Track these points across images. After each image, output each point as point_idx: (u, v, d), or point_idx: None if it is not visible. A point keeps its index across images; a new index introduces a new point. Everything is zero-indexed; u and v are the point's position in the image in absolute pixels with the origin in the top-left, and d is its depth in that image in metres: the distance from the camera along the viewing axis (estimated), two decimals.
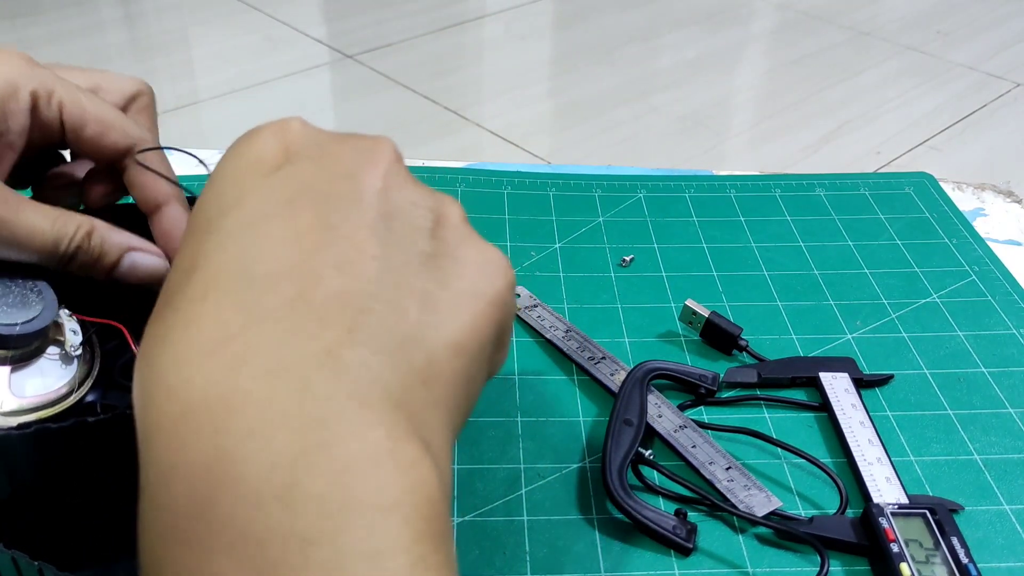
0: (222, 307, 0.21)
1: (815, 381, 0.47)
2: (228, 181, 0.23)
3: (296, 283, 0.21)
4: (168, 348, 0.21)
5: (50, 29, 0.94)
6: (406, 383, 0.21)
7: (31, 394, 0.30)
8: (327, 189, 0.23)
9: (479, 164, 0.68)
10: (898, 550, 0.37)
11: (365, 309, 0.21)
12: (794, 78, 0.87)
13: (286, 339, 0.20)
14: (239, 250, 0.22)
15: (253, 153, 0.24)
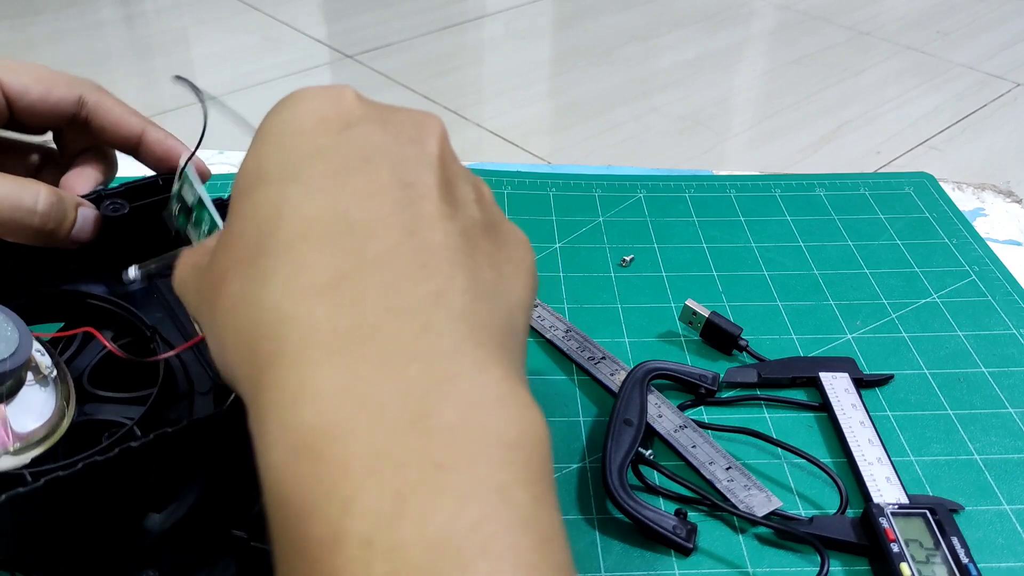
0: (328, 251, 0.21)
1: (815, 381, 0.47)
2: (296, 136, 0.23)
3: (394, 232, 0.21)
4: (275, 286, 0.21)
5: (50, 29, 0.94)
6: (503, 330, 0.22)
7: (31, 427, 0.28)
8: (397, 151, 0.23)
9: (479, 164, 0.68)
10: (898, 550, 0.37)
11: (456, 262, 0.22)
12: (794, 78, 0.87)
13: (398, 281, 0.21)
14: (330, 199, 0.22)
15: (316, 112, 0.24)
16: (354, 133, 0.23)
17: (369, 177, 0.22)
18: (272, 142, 0.24)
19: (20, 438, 0.27)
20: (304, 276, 0.21)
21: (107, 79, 0.88)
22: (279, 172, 0.23)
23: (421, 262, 0.21)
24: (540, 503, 0.19)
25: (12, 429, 0.27)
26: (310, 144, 0.23)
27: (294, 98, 0.25)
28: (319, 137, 0.23)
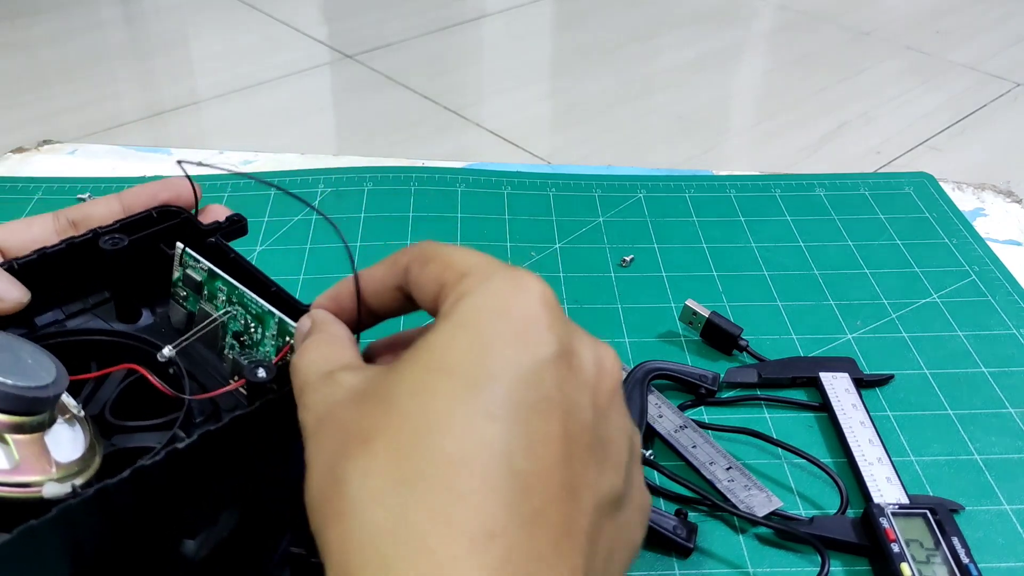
0: (488, 498, 0.21)
1: (815, 381, 0.47)
2: (495, 340, 0.23)
3: (541, 496, 0.21)
4: (426, 511, 0.20)
5: (50, 29, 0.94)
6: None
7: (69, 459, 0.28)
8: (573, 398, 0.23)
9: (479, 164, 0.68)
10: (899, 550, 0.37)
11: (580, 549, 0.22)
12: (794, 78, 0.87)
13: (535, 562, 0.21)
14: (502, 434, 0.21)
15: (527, 320, 0.23)
16: (544, 365, 0.23)
17: (541, 424, 0.22)
18: (469, 335, 0.23)
19: (60, 466, 0.27)
20: (458, 515, 0.20)
21: (107, 79, 0.88)
22: (464, 374, 0.22)
23: (555, 542, 0.21)
24: None
25: (52, 457, 0.27)
26: (505, 356, 0.22)
27: (496, 288, 0.24)
28: (515, 349, 0.22)
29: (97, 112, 0.77)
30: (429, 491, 0.21)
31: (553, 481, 0.22)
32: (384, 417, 0.22)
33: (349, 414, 0.23)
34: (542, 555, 0.21)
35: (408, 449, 0.21)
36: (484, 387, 0.22)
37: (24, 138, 0.71)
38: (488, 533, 0.20)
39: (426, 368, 0.23)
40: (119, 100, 0.80)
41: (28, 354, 0.28)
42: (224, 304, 0.34)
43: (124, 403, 0.32)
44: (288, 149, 0.70)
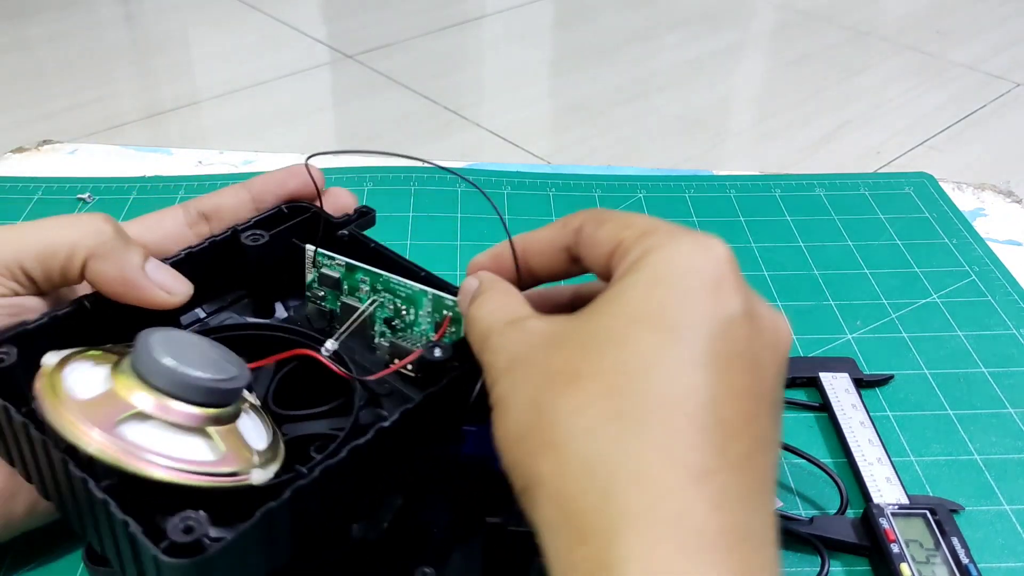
0: (700, 438, 0.22)
1: (815, 381, 0.47)
2: (690, 293, 0.24)
3: (745, 441, 0.22)
4: (642, 449, 0.21)
5: (50, 29, 0.94)
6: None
7: (261, 446, 0.29)
8: (760, 356, 0.24)
9: (479, 164, 0.68)
10: (898, 550, 0.37)
11: (772, 488, 0.23)
12: (794, 78, 0.87)
13: (746, 496, 0.22)
14: (707, 382, 0.22)
15: (713, 276, 0.24)
16: (735, 321, 0.24)
17: (738, 376, 0.23)
18: (668, 288, 0.24)
19: (259, 453, 0.28)
20: (676, 451, 0.21)
21: (107, 79, 0.88)
22: (667, 324, 0.23)
23: (760, 483, 0.22)
24: None
25: (250, 445, 0.28)
26: (701, 310, 0.24)
27: (687, 248, 0.25)
28: (711, 301, 0.24)
29: (97, 112, 0.77)
30: (646, 427, 0.22)
31: (752, 431, 0.23)
32: (590, 360, 0.23)
33: (547, 356, 0.24)
34: (750, 496, 0.22)
35: (620, 388, 0.22)
36: (687, 337, 0.23)
37: (24, 138, 0.71)
38: (705, 469, 0.21)
39: (627, 317, 0.24)
40: (119, 100, 0.80)
41: (209, 348, 0.29)
42: (369, 294, 0.35)
43: (280, 393, 0.33)
44: (288, 149, 0.70)
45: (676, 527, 0.20)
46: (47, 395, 0.27)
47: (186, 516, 0.24)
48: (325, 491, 0.27)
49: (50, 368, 0.28)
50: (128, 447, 0.26)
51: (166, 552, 0.24)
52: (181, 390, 0.27)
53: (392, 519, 0.32)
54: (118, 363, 0.28)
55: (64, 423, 0.26)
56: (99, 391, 0.27)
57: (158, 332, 0.28)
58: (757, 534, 0.22)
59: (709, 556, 0.20)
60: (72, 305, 0.32)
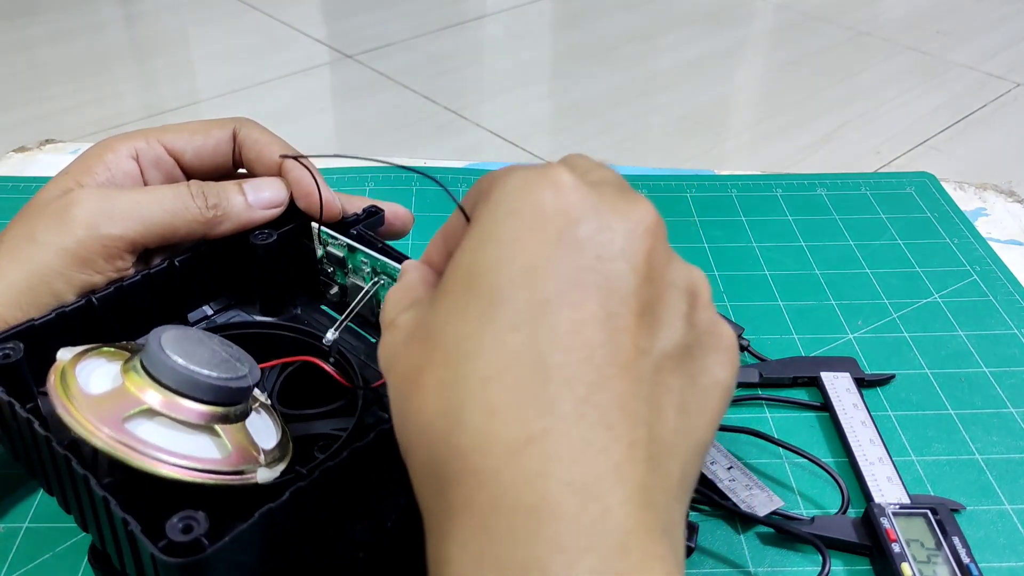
0: (522, 402, 0.21)
1: (816, 381, 0.47)
2: (513, 243, 0.22)
3: (585, 383, 0.21)
4: (468, 428, 0.21)
5: (50, 29, 0.94)
6: (669, 500, 0.22)
7: (269, 445, 0.29)
8: (605, 270, 0.22)
9: (479, 164, 0.68)
10: (899, 550, 0.37)
11: (639, 418, 0.21)
12: (794, 78, 0.87)
13: (582, 451, 0.21)
14: (532, 336, 0.21)
15: (535, 213, 0.22)
16: (566, 249, 0.22)
17: (574, 310, 0.22)
18: (489, 245, 0.23)
19: (266, 452, 0.28)
20: (495, 430, 0.21)
21: (107, 79, 0.88)
22: (489, 287, 0.22)
23: (607, 423, 0.21)
24: None
25: (258, 444, 0.28)
26: (523, 256, 0.22)
27: (512, 187, 0.23)
28: (531, 247, 0.22)
29: (98, 112, 0.77)
30: (468, 416, 0.21)
31: (595, 363, 0.21)
32: (427, 352, 0.23)
33: (403, 358, 0.24)
34: (590, 440, 0.21)
35: (450, 380, 0.22)
36: (505, 299, 0.22)
37: (26, 137, 0.71)
38: (528, 437, 0.21)
39: (455, 291, 0.23)
40: (120, 100, 0.80)
41: (219, 347, 0.30)
42: (371, 275, 0.36)
43: (285, 392, 0.34)
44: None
45: (493, 513, 0.20)
46: (58, 389, 0.27)
47: (185, 515, 0.24)
48: (325, 492, 0.27)
49: (64, 363, 0.28)
50: (135, 443, 0.26)
51: (164, 551, 0.24)
52: (190, 388, 0.27)
53: (395, 519, 0.32)
54: (129, 360, 0.29)
55: (73, 417, 0.26)
56: (109, 387, 0.28)
57: (169, 330, 0.29)
58: (592, 486, 0.20)
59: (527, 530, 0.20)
60: (80, 301, 0.33)
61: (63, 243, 0.33)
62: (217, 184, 0.37)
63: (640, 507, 0.21)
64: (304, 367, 0.34)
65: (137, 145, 0.38)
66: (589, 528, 0.20)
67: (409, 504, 0.32)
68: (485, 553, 0.20)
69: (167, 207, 0.35)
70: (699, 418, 0.23)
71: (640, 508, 0.21)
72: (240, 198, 0.37)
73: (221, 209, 0.36)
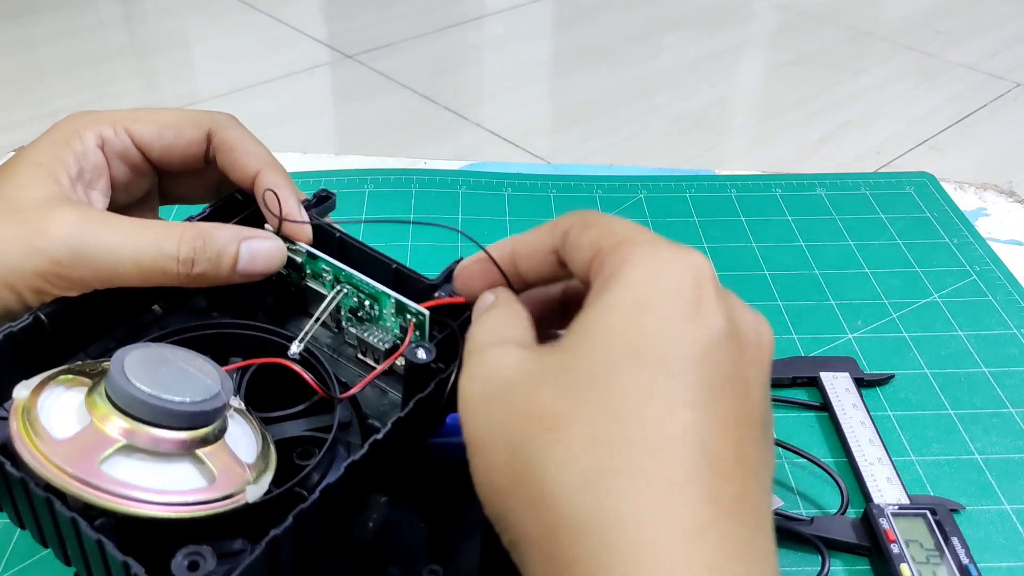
0: (695, 487, 0.21)
1: (816, 381, 0.47)
2: (671, 321, 0.22)
3: (738, 475, 0.21)
4: (634, 497, 0.20)
5: (50, 29, 0.94)
6: None
7: (252, 459, 0.28)
8: (746, 375, 0.23)
9: (479, 165, 0.68)
10: (899, 551, 0.37)
11: (767, 511, 0.22)
12: (794, 78, 0.87)
13: (741, 547, 0.21)
14: (698, 420, 0.21)
15: (699, 295, 0.23)
16: (720, 344, 0.22)
17: (726, 405, 0.22)
18: (648, 316, 0.22)
19: (250, 467, 0.27)
20: (668, 507, 0.20)
21: (107, 79, 0.88)
22: (654, 358, 0.22)
23: (755, 528, 0.21)
24: None
25: (241, 460, 0.27)
26: (684, 337, 0.22)
27: (664, 261, 0.23)
28: (694, 328, 0.22)
29: None
30: (637, 481, 0.21)
31: (744, 463, 0.22)
32: (572, 402, 0.22)
33: (524, 396, 0.23)
34: (747, 540, 0.21)
35: (607, 437, 0.21)
36: (673, 371, 0.22)
37: (25, 137, 0.71)
38: (700, 525, 0.20)
39: (609, 351, 0.22)
40: (119, 100, 0.80)
41: (184, 361, 0.28)
42: (332, 283, 0.35)
43: (250, 392, 0.32)
44: (288, 149, 0.70)
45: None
46: (25, 437, 0.25)
47: (190, 552, 0.24)
48: (324, 509, 0.27)
49: (23, 402, 0.26)
50: (118, 487, 0.25)
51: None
52: (164, 418, 0.26)
53: (376, 518, 0.32)
54: (93, 389, 0.27)
55: (48, 470, 0.24)
56: (78, 427, 0.26)
57: (131, 353, 0.27)
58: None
59: None
60: (27, 319, 0.31)
61: (24, 265, 0.31)
62: (214, 237, 0.33)
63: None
64: (266, 367, 0.33)
65: (104, 133, 0.36)
66: None
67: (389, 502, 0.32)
68: None
69: (145, 265, 0.32)
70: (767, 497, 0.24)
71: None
72: (229, 262, 0.33)
73: (203, 270, 0.33)
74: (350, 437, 0.32)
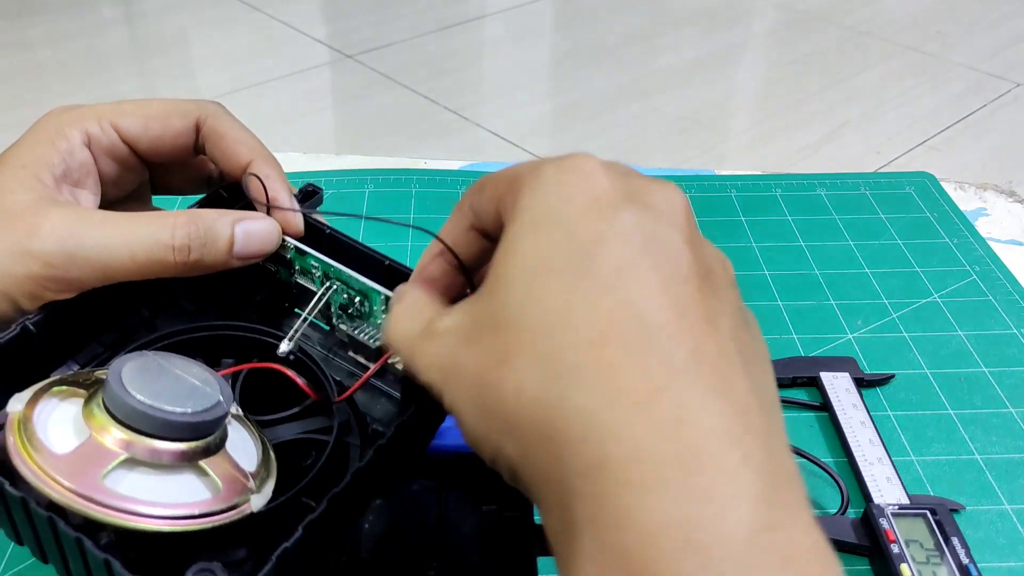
0: (637, 358, 0.21)
1: (816, 381, 0.47)
2: (571, 223, 0.23)
3: (689, 336, 0.21)
4: (585, 391, 0.21)
5: (50, 29, 0.94)
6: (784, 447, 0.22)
7: (253, 466, 0.28)
8: (664, 241, 0.23)
9: (479, 164, 0.68)
10: (899, 551, 0.37)
11: (739, 368, 0.22)
12: (794, 78, 0.87)
13: (707, 397, 0.21)
14: (624, 297, 0.22)
15: (582, 193, 0.23)
16: (625, 220, 0.23)
17: (652, 272, 0.22)
18: (547, 229, 0.23)
19: (253, 476, 0.27)
20: (618, 385, 0.21)
21: (107, 79, 0.88)
22: (563, 263, 0.22)
23: (720, 373, 0.21)
24: None
25: (243, 469, 0.27)
26: (588, 232, 0.23)
27: (551, 178, 0.24)
28: (593, 222, 0.23)
29: None
30: (583, 377, 0.21)
31: (690, 319, 0.22)
32: (508, 338, 0.23)
33: (470, 354, 0.24)
34: (713, 387, 0.21)
35: (549, 351, 0.22)
36: (588, 269, 0.22)
37: None
38: (654, 389, 0.20)
39: (523, 276, 0.23)
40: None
41: (181, 369, 0.28)
42: (321, 279, 0.34)
43: (243, 395, 0.32)
44: (288, 149, 0.70)
45: (633, 466, 0.20)
46: (23, 453, 0.25)
47: (201, 569, 0.24)
48: (332, 517, 0.27)
49: (18, 414, 0.26)
50: (123, 503, 0.24)
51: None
52: (165, 430, 0.25)
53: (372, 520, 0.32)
54: (89, 400, 0.26)
55: (49, 486, 0.24)
56: (77, 441, 0.25)
57: (127, 364, 0.26)
58: (728, 432, 0.20)
59: (677, 480, 0.20)
60: (15, 330, 0.30)
61: (17, 270, 0.31)
62: (208, 221, 0.33)
63: (770, 453, 0.21)
64: (260, 369, 0.32)
65: (90, 130, 0.35)
66: (734, 475, 0.20)
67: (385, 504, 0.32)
68: (633, 507, 0.20)
69: (140, 257, 0.31)
70: (767, 366, 0.24)
71: (770, 454, 0.21)
72: (225, 246, 0.33)
73: (199, 256, 0.32)
74: (349, 438, 0.31)
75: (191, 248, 0.32)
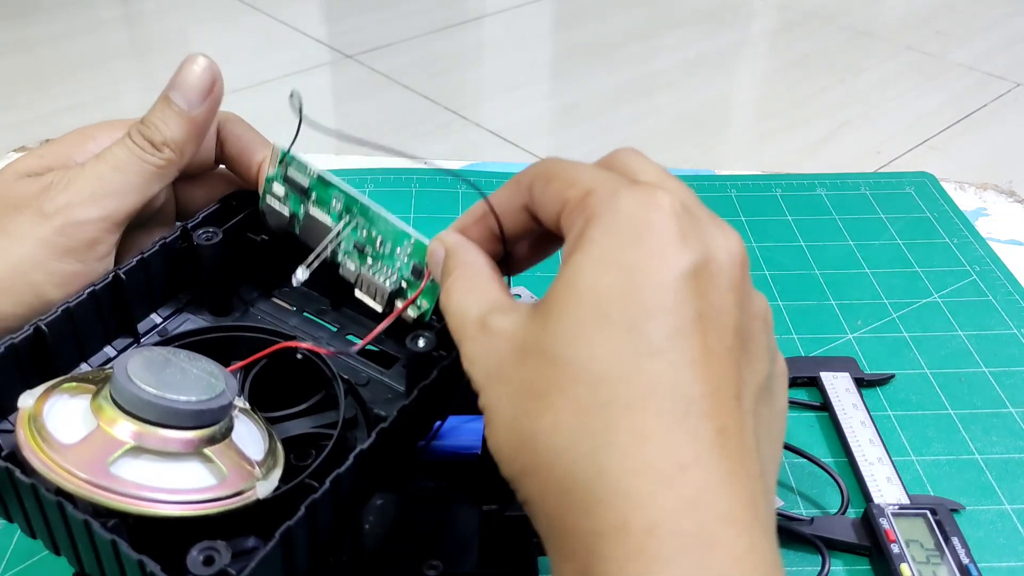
0: (670, 429, 0.21)
1: (816, 381, 0.47)
2: (638, 272, 0.23)
3: (719, 415, 0.22)
4: (616, 454, 0.21)
5: (50, 29, 0.94)
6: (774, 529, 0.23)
7: (260, 455, 0.28)
8: (718, 303, 0.23)
9: (479, 164, 0.68)
10: (899, 550, 0.37)
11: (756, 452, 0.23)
12: (794, 78, 0.87)
13: (727, 481, 0.21)
14: (671, 364, 0.22)
15: (660, 239, 0.23)
16: (686, 282, 0.23)
17: (699, 342, 0.22)
18: (613, 271, 0.23)
19: (259, 464, 0.28)
20: (648, 456, 0.21)
21: (107, 79, 0.88)
22: (620, 314, 0.23)
23: (740, 456, 0.22)
24: None
25: (251, 457, 0.28)
26: (649, 284, 0.23)
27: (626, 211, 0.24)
28: (657, 274, 0.23)
29: (97, 112, 0.77)
30: (614, 439, 0.22)
31: (722, 395, 0.22)
32: (553, 372, 0.23)
33: (516, 371, 0.24)
34: (732, 471, 0.22)
35: (586, 401, 0.22)
36: (641, 325, 0.22)
37: (25, 137, 0.71)
38: (680, 466, 0.21)
39: (579, 314, 0.23)
40: (119, 100, 0.80)
41: (186, 362, 0.28)
42: (341, 214, 0.33)
43: (253, 394, 0.32)
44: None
45: (651, 537, 0.20)
46: (32, 442, 0.25)
47: (205, 547, 0.24)
48: (335, 499, 0.27)
49: (28, 410, 0.27)
50: (129, 488, 0.25)
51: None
52: (170, 418, 0.26)
53: (372, 520, 0.32)
54: (97, 394, 0.27)
55: (58, 475, 0.25)
56: (85, 432, 0.26)
57: (133, 357, 0.27)
58: (740, 519, 0.21)
59: (690, 558, 0.20)
60: (28, 330, 0.31)
61: (39, 234, 0.31)
62: (145, 116, 0.35)
63: (771, 540, 0.22)
64: (270, 368, 0.33)
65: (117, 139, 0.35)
66: (740, 563, 0.21)
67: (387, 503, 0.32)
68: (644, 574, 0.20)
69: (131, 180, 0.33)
70: (778, 445, 0.25)
71: (771, 541, 0.22)
72: (171, 112, 0.35)
73: (161, 135, 0.34)
74: (356, 432, 0.32)
75: (151, 138, 0.34)
